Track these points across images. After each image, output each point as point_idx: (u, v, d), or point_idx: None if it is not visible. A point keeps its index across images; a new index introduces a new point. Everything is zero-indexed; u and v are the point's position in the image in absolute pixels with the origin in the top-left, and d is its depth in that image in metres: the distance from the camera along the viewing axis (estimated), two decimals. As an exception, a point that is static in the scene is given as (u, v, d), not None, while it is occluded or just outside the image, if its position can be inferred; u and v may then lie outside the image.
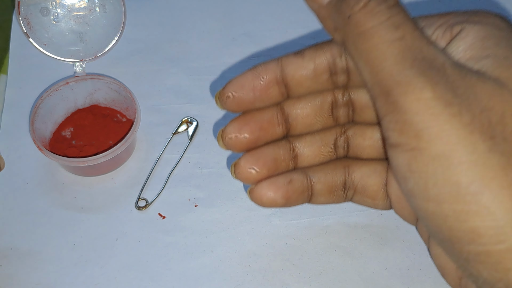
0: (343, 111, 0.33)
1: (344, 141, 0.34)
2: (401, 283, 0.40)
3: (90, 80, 0.45)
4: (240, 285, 0.39)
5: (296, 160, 0.34)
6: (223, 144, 0.33)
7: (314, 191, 0.34)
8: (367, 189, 0.34)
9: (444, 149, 0.23)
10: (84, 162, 0.41)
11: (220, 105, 0.32)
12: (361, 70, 0.26)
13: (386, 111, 0.25)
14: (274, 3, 0.56)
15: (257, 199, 0.33)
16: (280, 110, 0.33)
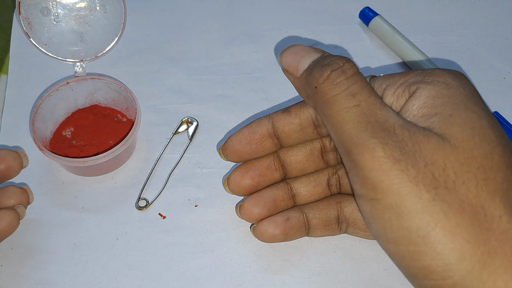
0: (331, 155, 0.39)
1: (336, 180, 0.39)
2: (400, 284, 0.40)
3: (90, 80, 0.45)
4: (240, 285, 0.40)
5: (294, 199, 0.39)
6: (228, 189, 0.39)
7: (310, 226, 0.39)
8: (358, 222, 0.38)
9: (396, 199, 0.27)
10: (84, 162, 0.41)
11: (224, 157, 0.39)
12: (329, 131, 0.31)
13: (349, 167, 0.29)
14: (274, 3, 0.56)
15: (259, 235, 0.38)
16: (277, 158, 0.39)
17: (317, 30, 0.54)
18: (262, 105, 0.49)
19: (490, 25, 0.55)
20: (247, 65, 0.52)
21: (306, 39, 0.53)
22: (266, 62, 0.52)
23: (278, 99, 0.49)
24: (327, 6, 0.56)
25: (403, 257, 0.28)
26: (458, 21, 0.55)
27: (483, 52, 0.53)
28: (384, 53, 0.53)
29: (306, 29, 0.54)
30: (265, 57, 0.52)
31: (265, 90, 0.50)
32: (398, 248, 0.28)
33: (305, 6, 0.56)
